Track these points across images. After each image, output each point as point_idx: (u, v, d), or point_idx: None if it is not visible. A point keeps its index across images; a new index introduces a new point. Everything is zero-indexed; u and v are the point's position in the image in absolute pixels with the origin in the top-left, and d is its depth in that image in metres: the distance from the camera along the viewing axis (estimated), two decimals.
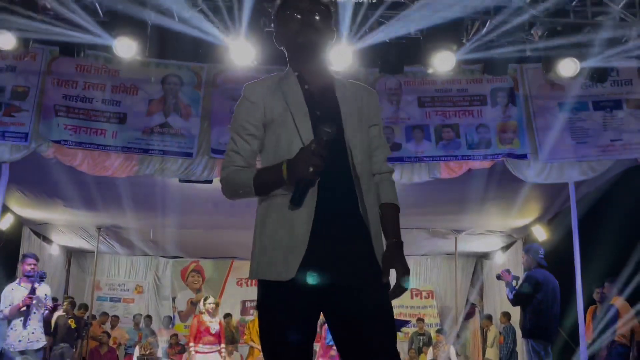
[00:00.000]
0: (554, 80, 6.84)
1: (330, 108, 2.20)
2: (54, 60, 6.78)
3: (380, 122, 2.34)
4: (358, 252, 2.09)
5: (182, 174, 6.88)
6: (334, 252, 2.06)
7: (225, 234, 11.09)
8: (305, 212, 2.06)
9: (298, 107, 2.16)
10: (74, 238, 12.09)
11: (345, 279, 2.05)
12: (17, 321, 6.47)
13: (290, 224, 2.07)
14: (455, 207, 9.01)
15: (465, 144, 7.03)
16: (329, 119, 2.12)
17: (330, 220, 2.07)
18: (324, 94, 2.23)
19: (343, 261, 2.06)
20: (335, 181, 2.10)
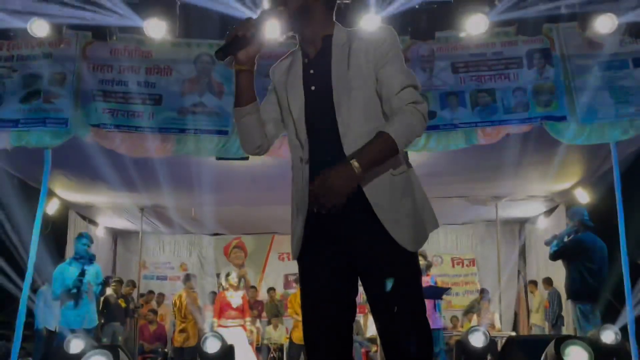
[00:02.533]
0: (591, 38, 6.64)
1: (324, 79, 2.13)
2: (88, 46, 6.87)
3: (389, 60, 2.08)
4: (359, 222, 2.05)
5: (219, 152, 6.94)
6: (336, 226, 2.08)
7: (264, 209, 11.22)
8: (300, 197, 2.13)
9: (294, 85, 2.19)
10: (118, 219, 12.39)
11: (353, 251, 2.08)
12: (70, 301, 6.68)
13: (296, 205, 2.18)
14: (495, 173, 8.89)
15: (502, 108, 6.89)
16: (320, 92, 2.12)
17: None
18: (318, 64, 2.18)
19: (346, 233, 2.07)
20: (324, 159, 2.05)
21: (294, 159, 2.18)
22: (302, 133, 2.13)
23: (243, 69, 2.13)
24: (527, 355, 4.63)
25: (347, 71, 2.09)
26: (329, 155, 2.04)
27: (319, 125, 2.12)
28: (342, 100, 2.07)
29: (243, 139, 2.26)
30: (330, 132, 2.07)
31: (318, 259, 2.12)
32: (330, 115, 2.08)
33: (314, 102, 2.14)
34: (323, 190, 1.87)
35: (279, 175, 8.91)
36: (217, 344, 5.77)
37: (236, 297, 8.83)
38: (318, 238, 2.12)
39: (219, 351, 5.73)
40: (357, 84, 2.08)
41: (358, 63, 2.09)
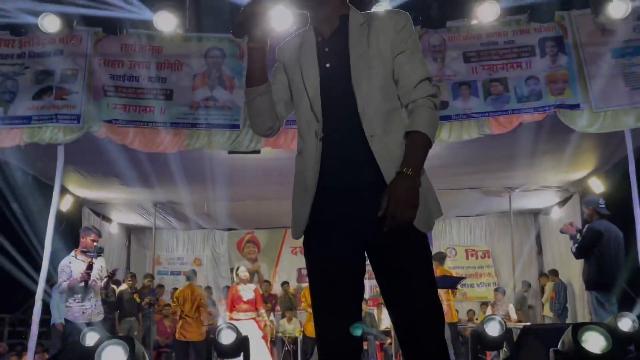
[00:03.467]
0: (604, 24, 6.57)
1: (340, 56, 2.13)
2: (99, 42, 6.90)
3: (408, 47, 2.11)
4: (368, 195, 2.02)
5: (230, 145, 6.94)
6: (343, 200, 2.05)
7: (276, 204, 11.20)
8: (311, 174, 2.08)
9: (309, 62, 2.16)
10: (132, 215, 12.45)
11: (359, 229, 2.04)
12: (76, 295, 6.70)
13: (304, 182, 2.11)
14: (508, 163, 8.83)
15: (514, 97, 6.84)
16: (336, 69, 2.12)
17: (335, 175, 2.06)
18: (334, 43, 2.17)
19: (358, 214, 2.03)
20: (341, 139, 2.06)
21: (305, 134, 2.13)
22: (318, 109, 2.10)
23: (257, 46, 2.10)
24: (543, 343, 4.59)
25: (367, 50, 2.10)
26: (346, 131, 2.06)
27: (336, 102, 2.10)
28: (361, 78, 2.08)
29: (255, 120, 2.22)
30: (347, 109, 2.06)
31: (326, 238, 2.08)
32: (347, 92, 2.07)
33: (330, 79, 2.12)
34: (400, 207, 1.90)
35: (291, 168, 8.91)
36: (232, 336, 5.77)
37: (248, 290, 8.85)
38: (326, 217, 2.08)
39: (234, 342, 5.73)
40: (376, 63, 2.10)
41: (377, 43, 2.11)
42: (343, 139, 2.05)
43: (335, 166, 2.06)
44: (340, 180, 2.06)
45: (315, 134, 2.09)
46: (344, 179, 2.06)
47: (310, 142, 2.10)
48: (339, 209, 2.06)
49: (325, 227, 2.08)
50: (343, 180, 2.06)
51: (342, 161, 2.06)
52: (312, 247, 2.13)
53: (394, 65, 2.11)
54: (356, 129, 2.05)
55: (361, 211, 2.03)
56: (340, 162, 2.06)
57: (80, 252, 6.92)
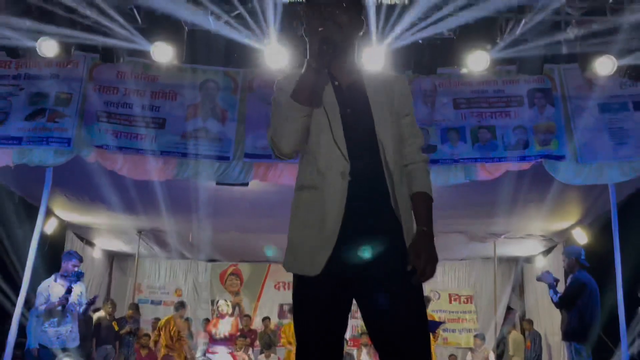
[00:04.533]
0: (591, 79, 6.73)
1: (361, 104, 2.23)
2: (95, 68, 6.97)
3: (412, 111, 2.34)
4: (389, 247, 2.10)
5: (219, 177, 6.97)
6: (364, 247, 2.09)
7: (262, 237, 11.21)
8: (336, 207, 2.10)
9: (330, 103, 2.20)
10: (115, 241, 12.37)
11: (374, 272, 2.08)
12: (53, 319, 6.61)
13: (321, 218, 2.11)
14: (493, 210, 8.90)
15: (502, 145, 6.94)
16: (359, 115, 2.20)
17: (361, 216, 2.11)
18: (353, 90, 2.26)
19: (373, 256, 2.08)
20: (366, 177, 2.14)
21: (325, 171, 2.15)
22: (345, 151, 2.15)
23: (321, 70, 2.15)
24: None
25: (384, 102, 2.25)
26: (372, 175, 2.16)
27: (360, 146, 2.17)
28: (384, 128, 2.21)
29: (290, 138, 2.18)
30: (370, 154, 2.17)
31: (335, 282, 2.10)
32: (371, 139, 2.18)
33: (354, 124, 2.19)
34: (430, 266, 2.07)
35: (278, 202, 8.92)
36: None
37: (226, 323, 8.79)
38: (343, 261, 2.10)
39: None
40: (392, 117, 2.26)
41: (391, 99, 2.28)
42: (368, 183, 2.14)
43: (359, 208, 2.12)
44: (363, 225, 2.11)
45: (341, 175, 2.13)
46: (366, 224, 2.12)
47: (332, 181, 2.14)
48: (357, 254, 2.10)
49: (337, 271, 2.09)
50: (365, 224, 2.12)
51: (366, 205, 2.13)
52: (315, 287, 2.12)
53: (402, 123, 2.29)
54: (379, 174, 2.16)
55: (377, 257, 2.09)
56: (364, 206, 2.13)
57: (61, 276, 6.86)
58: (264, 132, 6.98)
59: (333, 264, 2.07)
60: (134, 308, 11.32)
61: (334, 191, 2.12)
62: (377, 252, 2.09)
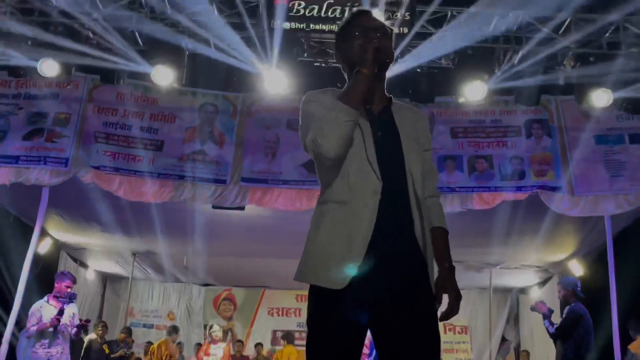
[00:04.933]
0: (587, 110, 6.78)
1: (390, 130, 2.27)
2: (96, 89, 7.00)
3: (431, 148, 2.41)
4: (412, 273, 2.12)
5: (215, 200, 6.97)
6: (389, 268, 2.09)
7: (257, 262, 11.15)
8: (365, 223, 2.10)
9: (363, 124, 2.22)
10: (109, 263, 12.29)
11: (397, 298, 2.07)
12: (44, 340, 6.54)
13: (348, 233, 2.11)
14: (489, 240, 8.88)
15: (498, 175, 6.97)
16: (389, 140, 2.24)
17: (388, 238, 2.11)
18: (384, 116, 2.31)
19: (397, 280, 2.08)
20: (394, 202, 2.16)
21: (356, 187, 2.16)
22: (377, 170, 2.18)
23: (369, 76, 2.19)
24: None
25: (410, 133, 2.30)
26: (400, 198, 2.19)
27: (390, 169, 2.20)
28: (412, 156, 2.25)
29: (340, 141, 2.15)
30: (399, 178, 2.21)
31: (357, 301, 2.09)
32: (400, 164, 2.22)
33: (384, 147, 2.23)
34: (458, 304, 2.17)
35: (274, 227, 8.95)
36: None
37: (218, 349, 8.71)
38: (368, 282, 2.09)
39: None
40: (418, 148, 2.31)
41: (416, 131, 2.34)
42: (397, 205, 2.16)
43: (386, 228, 2.12)
44: (389, 245, 2.12)
45: (373, 192, 2.15)
46: (393, 245, 2.13)
47: (363, 197, 2.15)
48: (381, 274, 2.10)
49: (361, 288, 2.08)
50: (392, 246, 2.13)
51: (394, 226, 2.15)
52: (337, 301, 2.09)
53: (423, 158, 2.34)
54: (406, 200, 2.19)
55: (401, 285, 2.10)
56: (392, 227, 2.14)
57: (53, 297, 6.79)
58: (261, 156, 7.00)
59: (357, 280, 2.06)
60: (127, 331, 11.19)
61: (364, 208, 2.13)
62: (402, 277, 2.10)
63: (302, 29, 6.51)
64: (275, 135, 7.08)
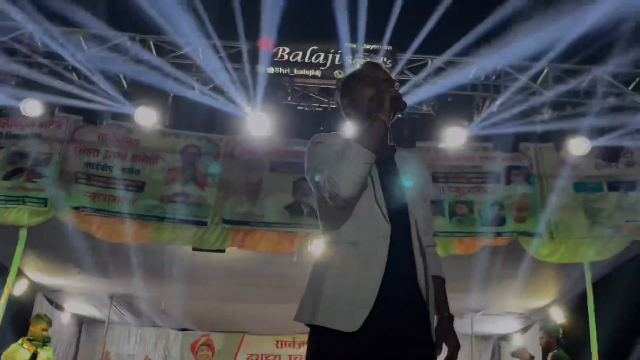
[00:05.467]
0: (566, 158, 6.89)
1: (395, 176, 2.36)
2: (78, 129, 7.00)
3: (431, 199, 2.55)
4: (416, 320, 2.18)
5: (196, 242, 6.91)
6: (396, 314, 2.13)
7: (236, 307, 11.00)
8: (377, 267, 2.14)
9: (373, 170, 2.28)
10: (86, 306, 12.03)
11: (402, 344, 2.12)
12: None
13: (359, 277, 2.14)
14: (470, 285, 8.84)
15: (479, 220, 7.02)
16: (394, 186, 2.31)
17: (395, 283, 2.15)
18: (388, 162, 2.40)
19: (403, 326, 2.13)
20: (400, 247, 2.21)
21: (367, 229, 2.22)
22: (385, 213, 2.24)
23: (386, 122, 2.30)
24: None
25: (414, 181, 2.40)
26: (406, 243, 2.24)
27: (395, 214, 2.26)
28: (413, 202, 2.34)
29: (356, 182, 2.19)
30: (404, 224, 2.27)
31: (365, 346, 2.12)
32: (402, 208, 2.29)
33: (390, 191, 2.30)
34: (457, 353, 2.25)
35: (255, 270, 8.87)
36: None
37: None
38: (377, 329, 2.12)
39: None
40: (419, 195, 2.41)
41: (419, 181, 2.43)
42: (402, 250, 2.21)
43: (395, 272, 2.16)
44: (396, 290, 2.16)
45: (383, 236, 2.20)
46: (400, 290, 2.17)
47: (374, 240, 2.20)
48: (388, 319, 2.13)
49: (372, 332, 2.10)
50: (398, 289, 2.17)
51: (400, 269, 2.19)
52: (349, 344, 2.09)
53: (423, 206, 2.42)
54: (410, 245, 2.24)
55: (405, 325, 2.14)
56: (399, 270, 2.18)
57: (27, 340, 6.64)
58: (244, 198, 6.99)
59: (367, 324, 2.08)
60: None
61: (376, 251, 2.17)
62: (406, 323, 2.14)
63: (286, 73, 6.63)
64: (258, 177, 7.09)
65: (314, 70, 6.68)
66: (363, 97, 2.41)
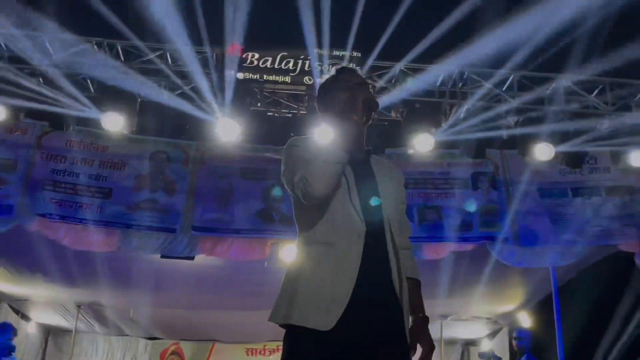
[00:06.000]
0: (531, 164, 7.02)
1: (370, 179, 2.39)
2: (44, 136, 6.89)
3: (405, 202, 2.55)
4: (390, 319, 2.20)
5: (165, 250, 6.85)
6: (370, 313, 2.15)
7: (206, 314, 10.91)
8: (351, 267, 2.17)
9: (348, 171, 2.33)
10: (53, 315, 11.81)
11: (376, 344, 2.14)
12: None
13: (335, 275, 2.17)
14: (439, 290, 8.92)
15: (447, 226, 7.09)
16: (369, 188, 2.34)
17: (369, 282, 2.17)
18: (364, 165, 2.43)
19: (377, 325, 2.15)
20: (374, 247, 2.24)
21: (342, 229, 2.24)
22: (360, 213, 2.27)
23: (361, 126, 2.41)
24: None
25: (388, 185, 2.43)
26: (378, 239, 2.27)
27: (370, 217, 2.29)
28: (387, 204, 2.36)
29: (328, 182, 2.23)
30: (377, 223, 2.29)
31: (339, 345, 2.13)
32: (377, 210, 2.32)
33: (364, 193, 2.33)
34: (431, 354, 2.24)
35: (225, 277, 8.81)
36: None
37: None
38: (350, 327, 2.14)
39: None
40: (393, 197, 2.44)
41: (394, 184, 2.48)
42: (377, 250, 2.24)
43: (369, 272, 2.19)
44: (371, 289, 2.18)
45: (358, 236, 2.23)
46: (374, 290, 2.19)
47: (349, 240, 2.23)
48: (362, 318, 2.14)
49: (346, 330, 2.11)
50: (372, 289, 2.19)
51: (374, 269, 2.22)
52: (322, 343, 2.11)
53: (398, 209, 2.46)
54: (385, 246, 2.27)
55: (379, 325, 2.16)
56: (373, 270, 2.21)
57: None
58: (213, 204, 6.95)
59: (342, 323, 2.10)
60: None
61: (350, 251, 2.20)
62: (381, 322, 2.16)
63: (255, 79, 6.63)
64: (229, 184, 7.06)
65: (283, 76, 6.70)
66: (338, 100, 2.45)
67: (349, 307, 2.11)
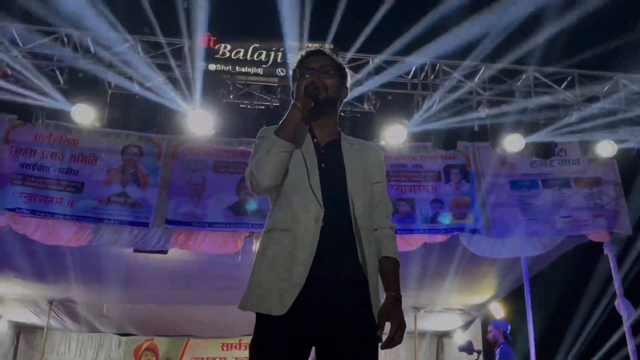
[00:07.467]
0: (502, 156, 7.11)
1: (336, 163, 2.38)
2: (13, 129, 6.79)
3: (384, 180, 2.50)
4: (353, 301, 2.19)
5: (137, 244, 6.79)
6: (330, 296, 2.16)
7: (180, 310, 10.85)
8: (306, 250, 2.18)
9: (309, 156, 2.34)
10: (24, 312, 11.63)
11: (338, 326, 2.14)
12: None
13: (290, 260, 2.19)
14: (414, 282, 9.00)
15: (420, 218, 7.15)
16: (333, 172, 2.34)
17: (329, 265, 2.18)
18: (331, 149, 2.42)
19: (338, 307, 2.15)
20: (336, 231, 2.24)
21: (301, 214, 2.25)
22: (320, 199, 2.27)
23: (303, 110, 2.31)
24: None
25: (358, 167, 2.41)
26: (340, 226, 2.27)
27: (333, 200, 2.29)
28: (357, 189, 2.35)
29: (271, 173, 2.25)
30: (343, 209, 2.29)
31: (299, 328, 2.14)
32: (341, 193, 2.32)
33: (327, 178, 2.33)
34: (401, 333, 2.18)
35: (199, 272, 8.77)
36: None
37: None
38: (308, 307, 2.15)
39: None
40: (365, 181, 2.41)
41: (366, 166, 2.45)
42: (339, 233, 2.23)
43: (327, 255, 2.19)
44: (330, 272, 2.18)
45: (315, 219, 2.23)
46: (334, 271, 2.19)
47: (306, 225, 2.23)
48: (323, 301, 2.15)
49: (302, 314, 2.13)
50: (333, 272, 2.19)
51: (336, 253, 2.21)
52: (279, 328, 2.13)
53: (373, 189, 2.42)
54: (348, 228, 2.26)
55: (342, 309, 2.16)
56: (334, 253, 2.21)
57: None
58: (186, 198, 6.92)
59: (299, 306, 2.11)
60: None
61: (306, 234, 2.21)
62: (343, 303, 2.16)
63: (227, 71, 6.59)
64: (202, 177, 7.02)
65: (255, 68, 6.66)
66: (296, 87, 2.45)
67: (304, 291, 2.13)
